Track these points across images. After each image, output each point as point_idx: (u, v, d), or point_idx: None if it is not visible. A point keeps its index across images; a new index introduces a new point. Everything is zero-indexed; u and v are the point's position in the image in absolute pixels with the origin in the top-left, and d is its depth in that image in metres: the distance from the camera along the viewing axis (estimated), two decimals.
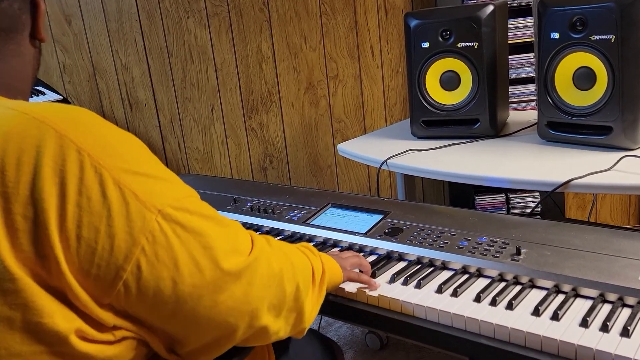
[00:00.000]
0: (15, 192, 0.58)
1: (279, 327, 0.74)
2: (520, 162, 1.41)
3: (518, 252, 1.00)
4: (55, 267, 0.58)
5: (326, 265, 0.90)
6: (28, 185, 0.58)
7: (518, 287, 0.95)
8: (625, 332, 0.79)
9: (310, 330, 1.09)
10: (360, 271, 1.02)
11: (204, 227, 0.66)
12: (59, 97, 2.37)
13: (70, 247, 0.58)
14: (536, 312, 0.86)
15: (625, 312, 0.84)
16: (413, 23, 1.64)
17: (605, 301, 0.88)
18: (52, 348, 0.59)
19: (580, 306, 0.88)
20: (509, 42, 1.96)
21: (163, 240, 0.62)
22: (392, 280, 1.01)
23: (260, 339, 0.74)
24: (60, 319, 0.59)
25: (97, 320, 0.62)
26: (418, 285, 0.98)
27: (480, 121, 1.64)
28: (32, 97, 2.01)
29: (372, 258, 1.12)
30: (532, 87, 2.32)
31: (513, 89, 2.28)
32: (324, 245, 1.20)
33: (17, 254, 0.57)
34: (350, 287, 1.01)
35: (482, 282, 0.98)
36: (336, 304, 1.02)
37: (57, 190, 0.58)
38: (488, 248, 1.04)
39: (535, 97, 2.27)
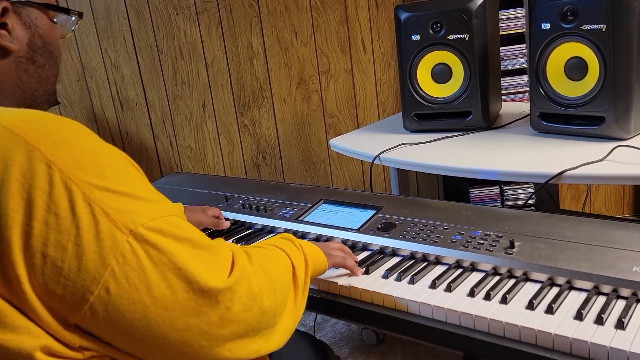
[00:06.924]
0: None
1: (259, 347, 0.71)
2: (513, 154, 1.40)
3: (512, 246, 0.99)
4: (16, 286, 0.56)
5: (309, 256, 0.88)
6: None
7: (512, 281, 0.94)
8: (620, 325, 0.78)
9: (303, 333, 1.08)
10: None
11: (177, 249, 0.62)
12: None
13: (35, 266, 0.56)
14: (530, 306, 0.86)
15: (620, 304, 0.84)
16: (403, 16, 1.63)
17: (599, 293, 0.87)
18: None
19: (574, 299, 0.87)
20: (501, 33, 1.95)
21: (134, 262, 0.59)
22: (386, 276, 1.01)
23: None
24: (25, 335, 0.56)
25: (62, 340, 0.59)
26: (412, 281, 0.98)
27: (472, 113, 1.63)
28: None
29: (365, 254, 1.11)
30: (524, 79, 2.31)
31: (505, 81, 2.27)
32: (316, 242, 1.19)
33: None
34: (343, 282, 1.00)
35: (475, 277, 0.97)
36: (329, 302, 1.01)
37: (23, 206, 0.55)
38: (481, 242, 1.03)
39: (527, 89, 2.26)
